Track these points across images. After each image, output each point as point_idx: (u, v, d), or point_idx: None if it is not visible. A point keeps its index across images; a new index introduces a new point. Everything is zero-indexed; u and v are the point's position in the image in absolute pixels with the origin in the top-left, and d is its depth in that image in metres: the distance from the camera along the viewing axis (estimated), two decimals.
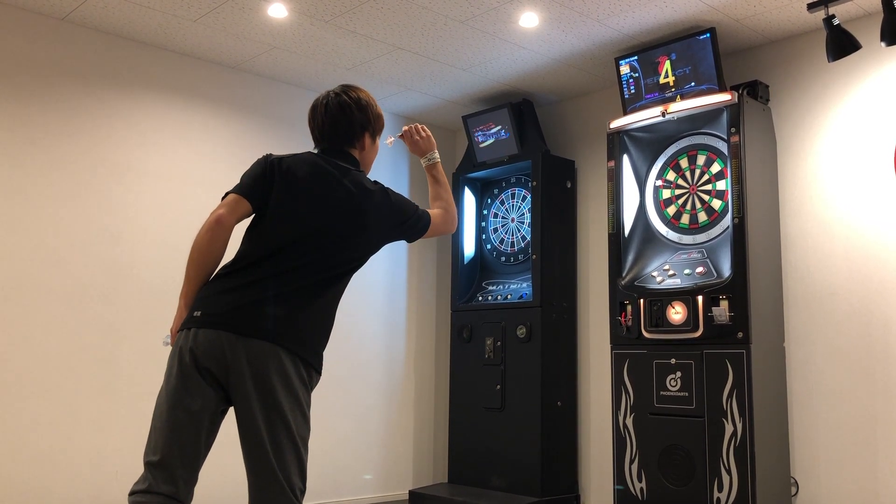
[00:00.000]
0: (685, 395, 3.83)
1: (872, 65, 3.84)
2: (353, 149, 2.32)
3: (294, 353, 2.03)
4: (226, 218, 2.15)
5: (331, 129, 2.30)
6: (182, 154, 4.46)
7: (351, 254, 2.20)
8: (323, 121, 2.30)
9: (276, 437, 1.99)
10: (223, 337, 2.00)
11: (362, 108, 2.32)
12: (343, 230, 2.18)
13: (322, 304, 2.14)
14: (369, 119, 2.33)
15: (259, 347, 2.00)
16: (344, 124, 2.29)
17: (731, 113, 3.87)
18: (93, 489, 3.94)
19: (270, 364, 2.00)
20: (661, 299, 3.96)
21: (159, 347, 4.23)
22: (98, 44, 4.20)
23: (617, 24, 4.06)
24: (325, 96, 2.32)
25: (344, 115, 2.28)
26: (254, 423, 1.99)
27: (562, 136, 5.20)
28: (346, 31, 4.15)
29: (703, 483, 3.73)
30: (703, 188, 4.13)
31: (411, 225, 2.33)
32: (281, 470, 1.99)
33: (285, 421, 2.00)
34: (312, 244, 2.13)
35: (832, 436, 3.80)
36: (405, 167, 5.55)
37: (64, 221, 3.99)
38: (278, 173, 2.20)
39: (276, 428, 2.00)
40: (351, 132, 2.30)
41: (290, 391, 2.02)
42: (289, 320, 2.05)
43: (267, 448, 1.98)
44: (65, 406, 3.90)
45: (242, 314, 2.02)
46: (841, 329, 3.82)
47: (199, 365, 2.02)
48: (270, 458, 1.98)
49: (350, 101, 2.30)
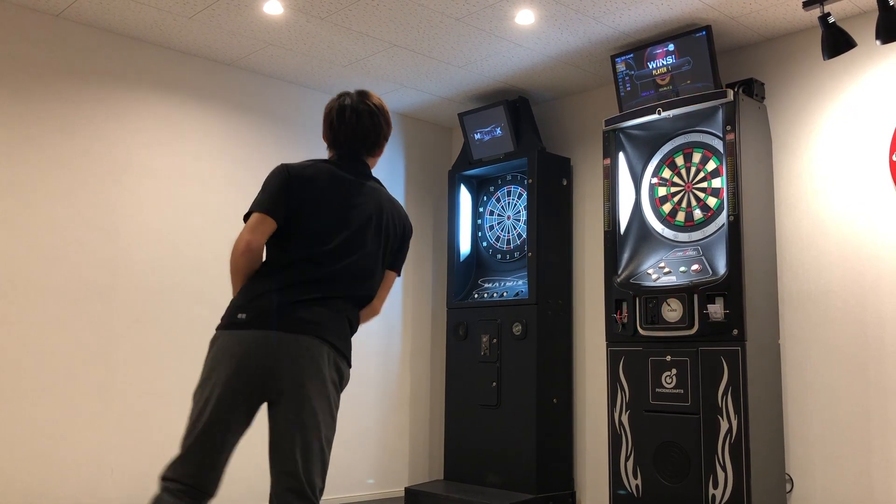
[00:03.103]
0: (680, 393, 3.84)
1: (867, 63, 3.85)
2: (370, 157, 2.35)
3: (333, 352, 2.13)
4: (255, 242, 2.20)
5: (360, 137, 2.30)
6: (178, 151, 4.45)
7: (375, 257, 2.29)
8: (353, 127, 2.29)
9: (306, 437, 2.06)
10: (261, 337, 2.07)
11: (386, 118, 2.36)
12: (367, 237, 2.26)
13: (352, 306, 2.24)
14: (387, 132, 2.37)
15: (297, 348, 2.07)
16: (374, 134, 2.31)
17: (727, 111, 3.87)
18: (88, 486, 3.94)
19: (308, 366, 2.07)
20: (656, 297, 3.97)
21: (155, 345, 4.24)
22: (93, 40, 4.19)
23: (613, 22, 4.06)
24: (352, 100, 2.31)
25: (374, 125, 2.30)
26: (286, 423, 2.06)
27: (558, 133, 5.20)
28: (341, 28, 4.15)
29: (698, 480, 3.74)
30: (699, 186, 4.13)
31: (402, 260, 2.40)
32: (304, 471, 2.05)
33: (316, 422, 2.07)
34: (341, 251, 2.20)
35: (827, 433, 3.81)
36: (401, 168, 5.55)
37: (59, 219, 3.98)
38: (297, 183, 2.24)
39: (307, 429, 2.06)
40: (377, 142, 2.33)
41: (322, 394, 2.10)
42: (326, 321, 2.13)
43: (296, 448, 2.04)
44: (61, 404, 3.90)
45: (281, 315, 2.09)
46: (835, 326, 3.84)
47: (239, 364, 2.07)
48: (297, 457, 2.04)
49: (377, 110, 2.31)
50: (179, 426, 4.36)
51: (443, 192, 5.64)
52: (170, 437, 4.25)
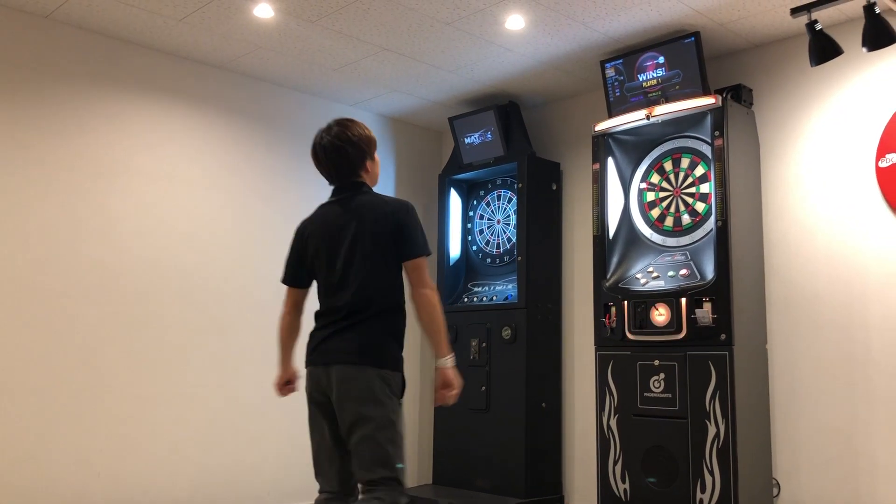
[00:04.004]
0: (668, 397, 3.85)
1: (854, 70, 3.88)
2: (358, 177, 2.60)
3: (374, 368, 2.41)
4: (287, 314, 2.70)
5: (335, 171, 2.59)
6: (167, 154, 4.44)
7: (384, 256, 2.49)
8: (326, 165, 2.59)
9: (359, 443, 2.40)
10: (318, 371, 2.48)
11: (354, 143, 2.57)
12: (356, 253, 2.49)
13: (382, 319, 2.48)
14: (363, 149, 2.59)
15: (341, 373, 2.42)
16: (344, 164, 2.57)
17: (715, 116, 3.90)
18: (75, 490, 3.91)
19: (351, 384, 2.40)
20: (644, 301, 3.98)
21: (144, 349, 4.22)
22: (82, 42, 4.17)
23: (602, 28, 4.08)
24: (320, 139, 2.59)
25: (341, 157, 2.56)
26: (348, 433, 2.43)
27: (547, 138, 5.22)
28: (332, 31, 4.15)
29: (686, 484, 3.75)
30: (687, 191, 4.15)
31: (408, 237, 2.49)
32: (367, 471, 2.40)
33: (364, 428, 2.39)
34: (350, 275, 2.48)
35: (813, 437, 3.83)
36: (391, 172, 5.55)
37: (48, 221, 3.97)
38: (302, 246, 2.64)
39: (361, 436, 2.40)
40: (352, 167, 2.58)
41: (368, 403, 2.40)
42: (357, 343, 2.43)
43: (354, 452, 2.42)
44: (48, 407, 3.87)
45: (324, 349, 2.48)
46: (822, 331, 3.86)
47: (311, 396, 2.54)
48: (364, 460, 2.40)
49: (342, 142, 2.55)
50: (168, 430, 4.37)
51: (433, 196, 5.64)
52: (158, 442, 4.24)
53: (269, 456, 4.68)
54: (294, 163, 4.96)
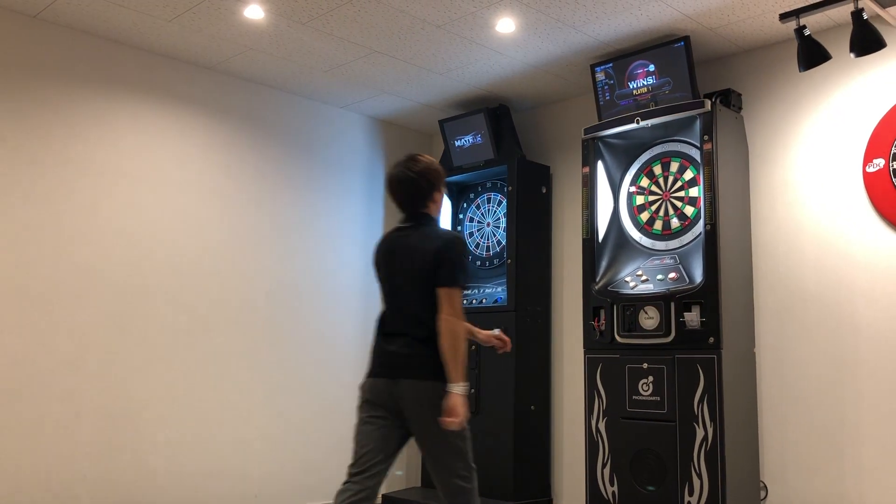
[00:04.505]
0: (657, 400, 3.86)
1: (842, 75, 3.91)
2: (426, 208, 2.85)
3: (430, 380, 2.63)
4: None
5: (407, 200, 2.84)
6: (155, 155, 4.42)
7: (411, 289, 2.73)
8: (399, 195, 2.85)
9: (430, 449, 2.69)
10: (380, 382, 2.70)
11: (424, 175, 2.82)
12: (420, 272, 2.72)
13: (413, 339, 2.69)
14: (432, 181, 2.84)
15: (403, 386, 2.64)
16: (415, 194, 2.82)
17: (705, 121, 3.91)
18: (60, 493, 3.89)
19: (413, 396, 2.63)
20: (633, 304, 3.99)
21: (130, 351, 4.20)
22: (71, 42, 4.15)
23: (593, 32, 4.09)
24: (394, 170, 2.85)
25: (412, 187, 2.81)
26: (418, 441, 2.70)
27: (537, 141, 5.23)
28: (322, 33, 4.14)
29: (674, 487, 3.76)
30: (676, 195, 4.17)
31: (445, 269, 2.70)
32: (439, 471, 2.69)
33: (438, 433, 2.62)
34: (407, 294, 2.73)
35: (801, 441, 3.85)
36: (381, 174, 5.55)
37: (34, 221, 3.94)
38: (375, 266, 2.89)
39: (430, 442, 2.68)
40: (421, 197, 2.82)
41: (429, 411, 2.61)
42: (415, 355, 2.67)
43: (431, 457, 2.70)
44: (32, 409, 3.85)
45: (389, 363, 2.72)
46: (810, 335, 3.88)
47: (369, 402, 2.74)
48: (434, 462, 2.70)
49: (413, 174, 2.81)
50: (153, 431, 4.34)
51: None
52: (144, 443, 4.21)
53: (256, 458, 4.66)
54: (283, 164, 4.95)
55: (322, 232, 5.12)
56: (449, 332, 2.61)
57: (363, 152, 5.47)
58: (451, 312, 2.63)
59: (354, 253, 5.29)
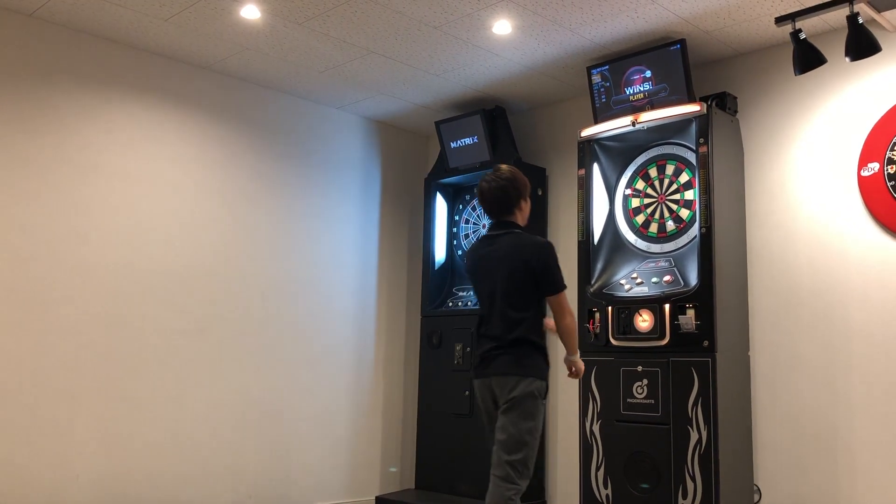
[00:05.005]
0: (651, 403, 3.86)
1: (837, 79, 3.92)
2: (512, 216, 3.09)
3: (515, 376, 2.91)
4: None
5: (495, 207, 3.09)
6: (151, 154, 4.41)
7: (524, 292, 2.98)
8: (489, 202, 3.09)
9: (505, 432, 2.92)
10: (481, 381, 3.02)
11: (514, 183, 3.08)
12: (510, 278, 2.98)
13: (523, 342, 2.96)
14: (519, 190, 3.09)
15: (498, 381, 2.95)
16: (503, 202, 3.07)
17: (700, 124, 3.92)
18: (53, 493, 3.87)
19: (511, 390, 2.91)
20: (628, 307, 3.99)
21: (123, 350, 4.18)
22: (67, 41, 4.14)
23: (589, 34, 4.10)
24: (484, 179, 3.10)
25: (502, 194, 3.06)
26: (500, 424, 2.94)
27: (533, 143, 5.23)
28: (319, 33, 4.14)
29: (668, 489, 3.76)
30: (672, 197, 4.17)
31: (549, 278, 2.99)
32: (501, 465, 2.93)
33: (513, 421, 2.90)
34: (498, 299, 2.99)
35: (794, 444, 3.85)
36: (377, 176, 5.54)
37: (28, 221, 3.93)
38: (468, 272, 3.23)
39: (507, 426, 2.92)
40: (509, 204, 3.08)
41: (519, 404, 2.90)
42: (508, 355, 2.95)
43: (502, 446, 2.93)
44: (25, 408, 3.83)
45: (487, 364, 3.01)
46: (804, 339, 3.88)
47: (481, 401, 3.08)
48: (502, 453, 2.92)
49: (503, 181, 3.06)
50: (147, 431, 4.33)
51: (419, 200, 5.64)
52: (137, 443, 4.20)
53: (250, 459, 4.65)
54: (278, 165, 4.95)
55: (317, 232, 5.12)
56: (570, 332, 3.02)
57: (359, 153, 5.46)
58: (567, 314, 3.01)
59: (350, 253, 5.28)
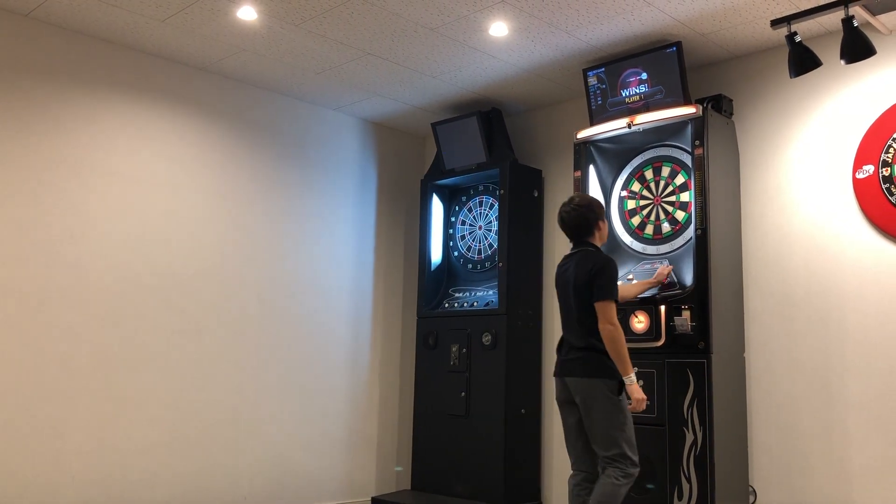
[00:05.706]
0: (647, 404, 3.86)
1: (832, 82, 3.93)
2: (591, 237, 3.45)
3: (586, 377, 3.28)
4: None
5: (575, 230, 3.46)
6: (146, 155, 4.41)
7: (590, 303, 3.30)
8: (570, 226, 3.47)
9: (592, 433, 3.29)
10: (561, 381, 3.43)
11: (589, 208, 3.45)
12: (577, 291, 3.34)
13: (594, 340, 3.29)
14: (596, 213, 3.46)
15: (571, 382, 3.34)
16: (582, 225, 3.45)
17: (696, 126, 3.93)
18: (48, 493, 3.87)
19: (576, 390, 3.31)
20: (624, 308, 3.99)
21: (118, 350, 4.18)
22: (63, 41, 4.14)
23: (585, 36, 4.11)
24: (564, 207, 3.48)
25: (579, 219, 3.44)
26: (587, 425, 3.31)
27: (530, 145, 5.24)
28: (315, 35, 4.14)
29: (663, 490, 3.76)
30: (667, 199, 4.18)
31: (598, 286, 3.28)
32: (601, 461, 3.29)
33: (596, 420, 3.27)
34: (572, 310, 3.38)
35: (789, 445, 3.86)
36: (373, 177, 5.54)
37: (24, 221, 3.92)
38: (555, 282, 3.58)
39: (592, 426, 3.29)
40: (587, 227, 3.45)
41: (593, 403, 3.26)
42: (579, 359, 3.33)
43: (592, 438, 3.30)
44: (21, 407, 3.83)
45: (565, 367, 3.42)
46: (799, 340, 3.89)
47: (559, 398, 3.49)
48: (597, 444, 3.29)
49: (580, 208, 3.45)
50: (143, 432, 4.32)
51: (415, 201, 5.65)
52: (132, 444, 4.20)
53: (245, 459, 4.65)
54: (275, 166, 4.95)
55: (314, 233, 5.12)
56: (609, 339, 3.22)
57: (355, 154, 5.47)
58: (607, 321, 3.23)
59: (346, 254, 5.29)
